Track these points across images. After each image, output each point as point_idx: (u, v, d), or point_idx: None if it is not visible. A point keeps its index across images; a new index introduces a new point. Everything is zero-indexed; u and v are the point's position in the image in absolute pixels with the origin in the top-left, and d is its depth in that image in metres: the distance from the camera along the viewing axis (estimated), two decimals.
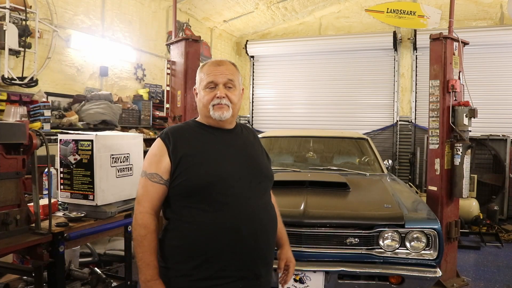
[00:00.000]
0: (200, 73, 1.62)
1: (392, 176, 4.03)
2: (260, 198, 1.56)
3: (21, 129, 1.94)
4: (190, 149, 1.51)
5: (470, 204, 5.67)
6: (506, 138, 6.41)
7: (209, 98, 1.55)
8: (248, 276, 1.50)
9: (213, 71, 1.57)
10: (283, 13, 8.53)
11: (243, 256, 1.48)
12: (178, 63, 4.21)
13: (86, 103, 5.00)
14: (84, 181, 2.26)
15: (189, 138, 1.54)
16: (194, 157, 1.50)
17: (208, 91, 1.56)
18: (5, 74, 4.23)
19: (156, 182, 1.50)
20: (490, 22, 7.72)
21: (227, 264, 1.46)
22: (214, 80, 1.55)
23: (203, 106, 1.57)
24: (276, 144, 4.54)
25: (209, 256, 1.45)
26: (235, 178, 1.50)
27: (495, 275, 4.16)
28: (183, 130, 1.58)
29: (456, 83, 3.74)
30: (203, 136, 1.57)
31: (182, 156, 1.49)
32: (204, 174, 1.47)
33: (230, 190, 1.48)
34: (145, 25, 6.59)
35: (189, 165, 1.48)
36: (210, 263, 1.45)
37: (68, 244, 2.10)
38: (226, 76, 1.56)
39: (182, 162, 1.48)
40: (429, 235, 2.53)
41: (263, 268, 1.55)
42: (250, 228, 1.48)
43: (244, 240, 1.47)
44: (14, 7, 4.22)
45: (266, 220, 1.56)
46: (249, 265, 1.50)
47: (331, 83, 8.64)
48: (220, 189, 1.46)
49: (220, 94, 1.53)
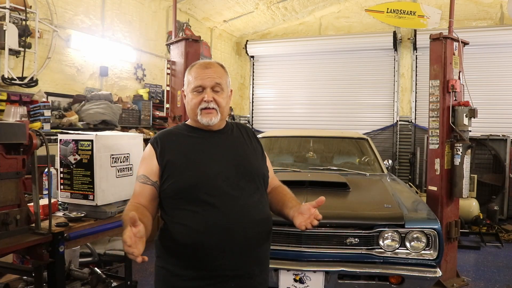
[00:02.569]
0: (188, 75, 1.63)
1: (392, 176, 4.03)
2: (250, 197, 1.54)
3: (21, 129, 1.94)
4: (176, 152, 1.55)
5: (470, 204, 5.67)
6: (506, 138, 6.40)
7: (196, 102, 1.56)
8: (241, 275, 1.50)
9: (201, 74, 1.57)
10: (283, 13, 8.53)
11: (234, 255, 1.48)
12: (178, 63, 4.21)
13: (86, 103, 5.00)
14: (84, 181, 2.26)
15: (176, 142, 1.59)
16: (180, 160, 1.53)
17: (195, 94, 1.57)
18: (5, 74, 4.23)
19: (143, 182, 1.55)
20: (490, 22, 7.71)
21: (218, 264, 1.47)
22: (202, 84, 1.56)
23: (191, 109, 1.59)
24: (276, 144, 4.54)
25: (200, 256, 1.46)
26: (222, 178, 1.50)
27: (495, 275, 4.16)
28: (172, 134, 1.63)
29: (456, 83, 3.74)
30: (190, 138, 1.60)
31: (168, 160, 1.53)
32: (189, 175, 1.50)
33: (217, 190, 1.48)
34: (145, 25, 6.59)
35: (174, 168, 1.52)
36: (201, 263, 1.46)
37: (68, 244, 2.10)
38: (214, 79, 1.56)
39: (168, 165, 1.52)
40: (429, 235, 2.53)
41: (256, 267, 1.55)
42: (239, 227, 1.48)
43: (234, 239, 1.47)
44: (14, 7, 4.22)
45: (257, 218, 1.54)
46: (240, 264, 1.50)
47: (331, 83, 8.64)
48: (206, 189, 1.48)
49: (207, 98, 1.54)
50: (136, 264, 3.53)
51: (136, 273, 3.66)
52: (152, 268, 1.58)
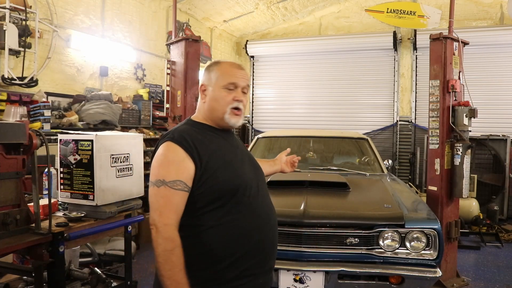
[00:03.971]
0: (216, 70, 1.55)
1: (392, 176, 4.03)
2: (268, 196, 1.62)
3: (21, 129, 1.94)
4: (213, 152, 1.47)
5: (470, 204, 5.67)
6: (506, 138, 6.40)
7: (229, 99, 1.51)
8: (266, 270, 1.55)
9: (236, 73, 1.54)
10: (283, 13, 8.53)
11: (264, 253, 1.52)
12: (178, 63, 4.21)
13: (86, 103, 5.00)
14: (84, 181, 2.26)
15: (204, 141, 1.48)
16: (217, 161, 1.46)
17: (228, 91, 1.52)
18: (5, 74, 4.23)
19: (180, 189, 1.38)
20: (490, 22, 7.72)
21: (252, 262, 1.48)
22: (236, 82, 1.52)
23: (220, 106, 1.51)
24: (276, 144, 4.54)
25: (237, 256, 1.44)
26: (251, 178, 1.55)
27: (495, 275, 4.16)
28: (194, 133, 1.50)
29: (456, 83, 3.74)
30: (214, 138, 1.54)
31: (208, 160, 1.43)
32: (231, 177, 1.47)
33: (250, 191, 1.51)
34: (145, 25, 6.59)
35: (213, 170, 1.43)
36: (238, 263, 1.45)
37: (68, 244, 2.10)
38: (246, 81, 1.56)
39: (209, 166, 1.43)
40: (429, 235, 2.53)
41: (273, 261, 1.61)
42: (268, 227, 1.54)
43: (265, 238, 1.52)
44: (14, 7, 4.22)
45: (274, 217, 1.62)
46: (267, 260, 1.55)
47: (331, 83, 8.63)
48: (244, 191, 1.48)
49: (240, 97, 1.53)
50: (136, 264, 3.52)
51: (136, 273, 3.65)
52: (152, 268, 1.56)
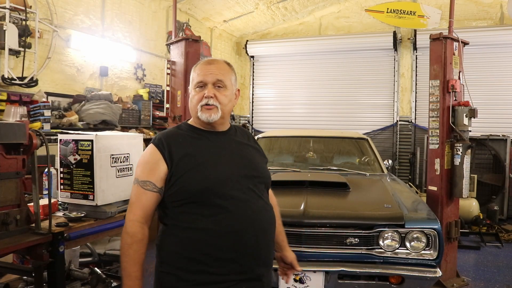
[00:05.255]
0: (192, 72, 1.59)
1: (392, 176, 4.03)
2: (259, 200, 1.54)
3: (21, 129, 1.94)
4: (185, 154, 1.48)
5: (470, 204, 5.67)
6: (506, 138, 6.40)
7: (198, 98, 1.52)
8: (251, 278, 1.49)
9: (203, 70, 1.54)
10: (283, 13, 8.53)
11: (245, 258, 1.46)
12: (178, 63, 4.21)
13: (86, 103, 5.00)
14: (84, 181, 2.26)
15: (183, 143, 1.51)
16: (190, 162, 1.46)
17: (197, 90, 1.53)
18: (5, 74, 4.23)
19: (149, 190, 1.46)
20: (490, 22, 7.71)
21: (229, 267, 1.44)
22: (203, 79, 1.52)
23: (193, 106, 1.55)
24: (276, 144, 4.54)
25: (211, 261, 1.42)
26: (232, 181, 1.48)
27: (495, 275, 4.16)
28: (177, 135, 1.54)
29: (456, 83, 3.74)
30: (197, 140, 1.53)
31: (178, 162, 1.46)
32: (201, 178, 1.44)
33: (228, 193, 1.45)
34: (145, 25, 6.59)
35: (185, 171, 1.45)
36: (212, 267, 1.42)
37: (68, 244, 2.10)
38: (215, 76, 1.52)
39: (179, 168, 1.45)
40: (429, 235, 2.53)
41: (264, 269, 1.54)
42: (250, 231, 1.46)
43: (246, 242, 1.45)
44: (14, 7, 4.22)
45: (265, 221, 1.54)
46: (251, 267, 1.48)
47: (331, 83, 8.64)
48: (218, 193, 1.44)
49: (208, 93, 1.50)
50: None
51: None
52: (152, 268, 1.55)
